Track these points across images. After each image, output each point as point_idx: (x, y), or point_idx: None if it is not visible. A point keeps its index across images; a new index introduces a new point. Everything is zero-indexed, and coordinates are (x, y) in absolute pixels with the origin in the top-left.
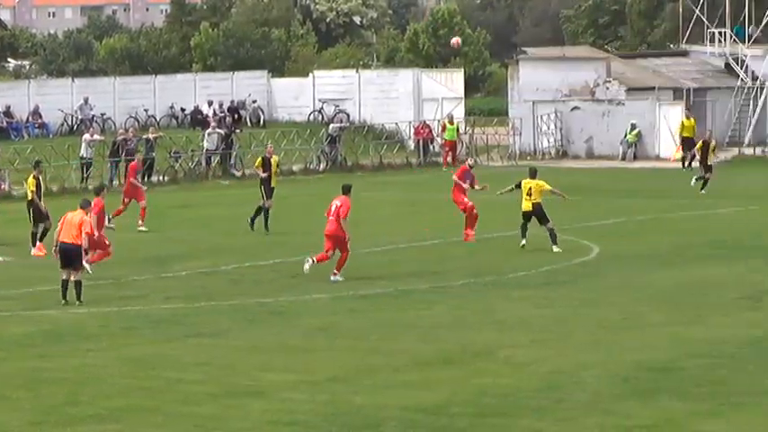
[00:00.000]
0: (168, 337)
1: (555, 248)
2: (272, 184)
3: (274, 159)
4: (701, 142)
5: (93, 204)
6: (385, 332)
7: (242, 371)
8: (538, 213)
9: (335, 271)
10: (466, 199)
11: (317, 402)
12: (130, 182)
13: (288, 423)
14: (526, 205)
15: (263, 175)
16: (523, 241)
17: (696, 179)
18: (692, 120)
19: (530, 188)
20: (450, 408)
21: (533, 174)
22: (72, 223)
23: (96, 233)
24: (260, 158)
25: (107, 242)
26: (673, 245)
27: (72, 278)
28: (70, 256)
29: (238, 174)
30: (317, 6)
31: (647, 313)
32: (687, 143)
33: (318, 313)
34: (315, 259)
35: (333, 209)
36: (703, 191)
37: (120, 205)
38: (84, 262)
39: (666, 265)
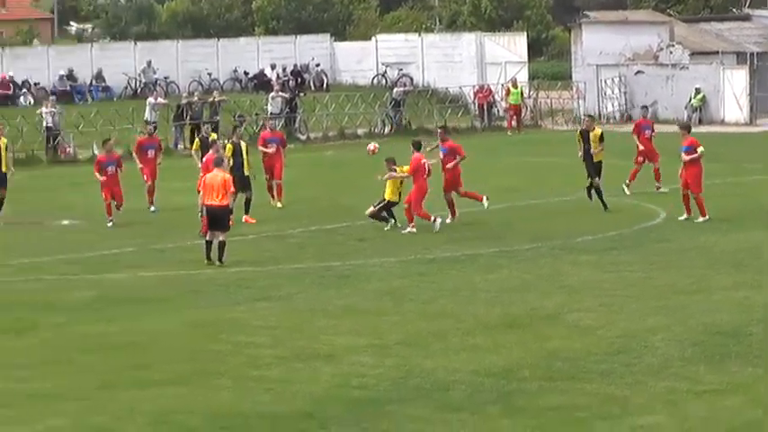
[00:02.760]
0: (236, 300)
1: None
2: None
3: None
4: None
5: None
6: (452, 296)
7: (310, 334)
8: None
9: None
10: None
11: (387, 366)
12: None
13: (357, 387)
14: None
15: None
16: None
17: None
18: None
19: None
20: (519, 371)
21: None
22: (214, 184)
23: None
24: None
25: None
26: (740, 209)
27: (218, 239)
28: (218, 218)
29: (303, 137)
30: None
31: (714, 277)
32: None
33: (386, 277)
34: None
35: (428, 168)
36: None
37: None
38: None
39: (734, 229)
